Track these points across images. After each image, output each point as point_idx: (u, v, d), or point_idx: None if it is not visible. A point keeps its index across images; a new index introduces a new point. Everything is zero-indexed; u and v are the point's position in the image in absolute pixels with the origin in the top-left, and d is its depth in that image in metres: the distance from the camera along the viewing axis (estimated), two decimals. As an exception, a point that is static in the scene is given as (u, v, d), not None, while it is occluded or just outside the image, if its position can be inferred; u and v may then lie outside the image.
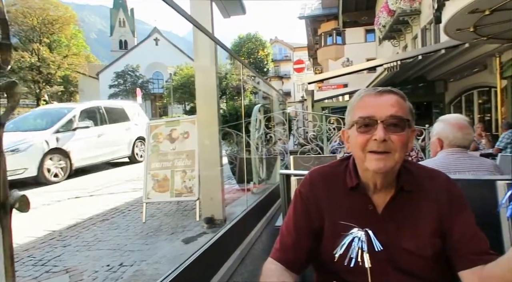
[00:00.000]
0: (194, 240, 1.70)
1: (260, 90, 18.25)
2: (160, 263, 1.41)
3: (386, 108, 0.89)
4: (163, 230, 3.43)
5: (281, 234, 1.02)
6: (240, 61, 3.06)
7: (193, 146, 3.72)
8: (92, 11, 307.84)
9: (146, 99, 40.53)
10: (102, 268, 2.52)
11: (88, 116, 7.99)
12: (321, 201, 0.99)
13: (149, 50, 44.81)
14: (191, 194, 3.59)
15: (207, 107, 2.18)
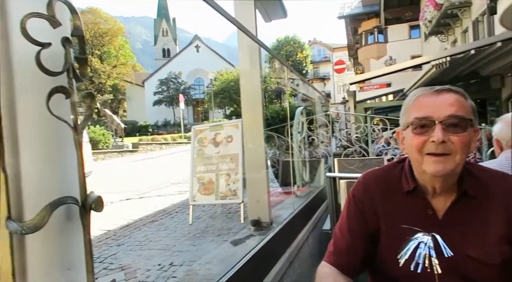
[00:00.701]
0: (243, 242, 1.73)
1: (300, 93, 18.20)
2: (211, 263, 1.45)
3: (445, 108, 0.85)
4: (209, 231, 3.52)
5: (334, 238, 1.01)
6: (285, 64, 3.07)
7: (236, 149, 3.78)
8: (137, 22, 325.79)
9: (188, 105, 41.97)
10: (154, 267, 2.64)
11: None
12: (376, 204, 0.96)
13: (190, 57, 46.38)
14: (236, 196, 3.65)
15: (252, 110, 2.22)
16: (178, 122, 37.64)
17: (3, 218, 0.60)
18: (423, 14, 13.39)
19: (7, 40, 0.62)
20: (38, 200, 0.63)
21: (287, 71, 3.68)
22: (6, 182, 0.60)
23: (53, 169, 0.65)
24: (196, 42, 48.80)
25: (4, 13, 0.62)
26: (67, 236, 0.66)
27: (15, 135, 0.62)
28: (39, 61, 0.61)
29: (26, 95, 0.63)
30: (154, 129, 35.11)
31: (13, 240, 0.60)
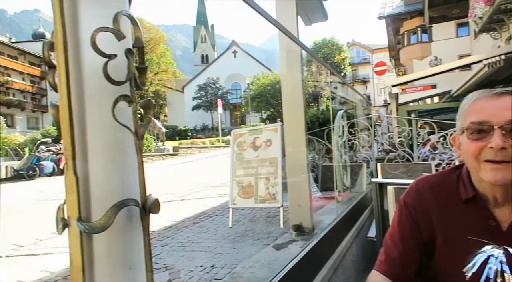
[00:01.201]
0: (285, 247, 1.72)
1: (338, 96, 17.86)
2: (255, 267, 1.46)
3: (505, 112, 0.78)
4: (248, 235, 3.54)
5: (385, 246, 0.97)
6: (327, 67, 3.01)
7: (276, 153, 3.78)
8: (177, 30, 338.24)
9: (226, 109, 42.72)
10: (196, 268, 2.71)
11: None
12: (431, 212, 0.92)
13: (228, 63, 47.26)
14: (275, 201, 3.65)
15: (293, 113, 2.21)
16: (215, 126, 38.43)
17: (74, 218, 0.64)
18: (472, 11, 12.58)
19: (78, 53, 0.67)
20: (104, 202, 0.67)
21: (325, 75, 3.62)
22: (77, 184, 0.64)
23: (117, 172, 0.69)
24: (234, 47, 49.64)
25: (76, 29, 0.67)
26: (129, 237, 0.70)
27: (85, 141, 0.67)
28: (106, 72, 0.65)
29: (93, 104, 0.68)
30: (193, 134, 36.14)
31: (82, 239, 0.64)
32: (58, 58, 0.65)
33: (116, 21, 0.66)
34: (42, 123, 42.02)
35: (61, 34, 0.64)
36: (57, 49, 0.65)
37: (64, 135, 0.65)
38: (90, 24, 0.67)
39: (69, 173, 0.65)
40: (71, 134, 0.64)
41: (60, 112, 0.65)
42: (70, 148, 0.64)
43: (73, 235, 0.64)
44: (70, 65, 0.65)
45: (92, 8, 0.68)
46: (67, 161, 0.65)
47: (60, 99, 0.65)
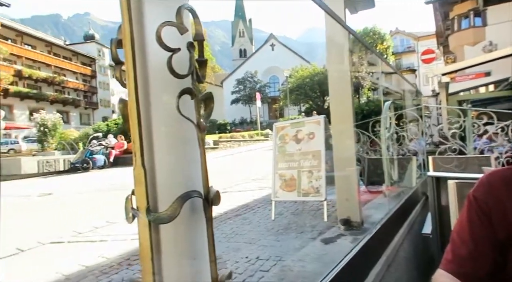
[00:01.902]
0: (334, 241, 1.69)
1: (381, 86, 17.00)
2: (304, 261, 1.45)
3: None
4: (292, 228, 3.53)
5: (453, 244, 0.91)
6: (377, 55, 2.88)
7: (318, 146, 3.72)
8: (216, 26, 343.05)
9: (264, 103, 42.78)
10: (241, 259, 2.75)
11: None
12: (507, 208, 0.84)
13: (266, 56, 47.17)
14: (318, 194, 3.59)
15: (341, 104, 2.14)
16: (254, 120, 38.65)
17: (143, 209, 0.66)
18: (535, -11, 11.41)
19: (143, 48, 0.69)
20: (169, 193, 0.69)
21: (366, 65, 3.47)
22: (145, 176, 0.67)
23: (181, 164, 0.71)
24: (271, 40, 49.39)
25: (141, 24, 0.69)
26: (193, 228, 0.71)
27: (151, 134, 0.69)
28: (170, 66, 0.66)
29: (158, 97, 0.70)
30: (232, 127, 36.67)
31: (151, 229, 0.66)
32: (126, 54, 0.67)
33: (179, 14, 0.67)
34: (93, 119, 44.90)
35: (129, 31, 0.66)
36: (125, 45, 0.67)
37: (132, 129, 0.67)
38: (154, 19, 0.69)
39: (137, 165, 0.67)
40: (139, 128, 0.66)
41: (129, 107, 0.67)
42: (138, 140, 0.66)
43: (142, 224, 0.66)
44: (137, 60, 0.67)
45: (156, 3, 0.69)
46: (135, 153, 0.67)
47: (129, 94, 0.67)
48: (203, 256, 0.72)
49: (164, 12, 0.69)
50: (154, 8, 0.69)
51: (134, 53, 0.66)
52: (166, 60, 0.68)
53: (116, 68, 0.77)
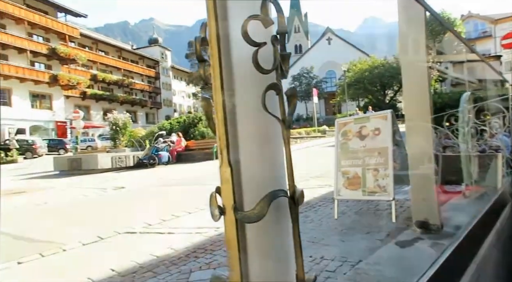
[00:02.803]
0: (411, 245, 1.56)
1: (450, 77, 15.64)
2: (380, 264, 1.36)
3: None
4: (356, 228, 3.39)
5: None
6: (465, 43, 2.60)
7: (385, 142, 3.51)
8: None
9: (320, 98, 41.90)
10: (306, 258, 2.70)
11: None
12: None
13: (322, 50, 46.13)
14: (385, 193, 3.40)
15: (416, 98, 1.97)
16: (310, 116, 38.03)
17: (230, 207, 0.66)
18: None
19: (228, 44, 0.68)
20: (255, 192, 0.68)
21: (433, 55, 3.15)
22: (232, 174, 0.66)
23: (266, 162, 0.69)
24: (328, 34, 48.13)
25: (226, 19, 0.68)
26: (279, 228, 0.69)
27: (236, 132, 0.68)
28: (256, 61, 0.64)
29: (243, 94, 0.68)
30: (288, 124, 36.39)
31: (238, 227, 0.65)
32: (212, 51, 0.66)
33: (264, 7, 0.64)
34: (157, 118, 47.97)
35: (215, 28, 0.65)
36: (210, 42, 0.67)
37: (218, 126, 0.67)
38: (238, 13, 0.67)
39: (223, 163, 0.66)
40: (224, 125, 0.66)
41: (214, 104, 0.67)
42: (224, 138, 0.66)
43: (229, 223, 0.66)
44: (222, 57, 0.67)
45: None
46: (221, 151, 0.67)
47: (214, 92, 0.67)
48: (289, 257, 0.70)
49: (248, 6, 0.67)
50: (238, 2, 0.67)
51: (219, 50, 0.66)
52: (250, 55, 0.66)
53: (200, 66, 0.77)
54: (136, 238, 3.94)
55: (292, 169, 0.68)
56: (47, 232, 4.38)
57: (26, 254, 3.46)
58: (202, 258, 3.05)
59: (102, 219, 4.94)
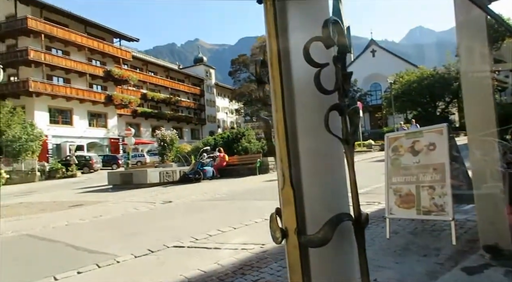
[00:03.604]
0: (480, 272, 1.42)
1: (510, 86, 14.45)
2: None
3: None
4: (411, 249, 3.17)
5: None
6: None
7: (441, 158, 3.29)
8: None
9: (365, 112, 40.69)
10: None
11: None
12: None
13: (366, 63, 45.06)
14: (443, 213, 3.16)
15: (479, 108, 1.83)
16: (355, 130, 36.81)
17: (293, 230, 0.64)
18: None
19: (289, 64, 0.68)
20: (318, 215, 0.66)
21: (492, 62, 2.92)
22: (294, 195, 0.65)
23: (329, 184, 0.67)
24: (372, 46, 47.04)
25: (287, 42, 0.68)
26: (344, 253, 0.66)
27: (297, 153, 0.67)
28: (319, 81, 0.64)
29: (305, 114, 0.68)
30: (331, 138, 35.66)
31: (301, 251, 0.64)
32: (273, 73, 0.67)
33: (326, 28, 0.64)
34: (202, 134, 49.49)
35: (276, 51, 0.66)
36: (271, 64, 0.67)
37: (280, 148, 0.66)
38: (299, 35, 0.68)
39: (285, 184, 0.66)
40: (286, 146, 0.65)
41: (275, 125, 0.67)
42: (286, 159, 0.65)
43: (291, 246, 0.64)
44: (284, 79, 0.67)
45: (300, 19, 0.68)
46: (283, 172, 0.66)
47: (275, 113, 0.67)
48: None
49: (309, 27, 0.67)
50: (299, 24, 0.68)
51: (281, 72, 0.66)
52: (311, 76, 0.66)
53: (259, 88, 0.78)
54: (184, 252, 4.02)
55: (357, 191, 0.66)
56: (103, 243, 4.63)
57: (85, 264, 3.67)
58: (249, 275, 3.02)
59: (152, 232, 5.13)
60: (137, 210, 7.40)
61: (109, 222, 6.31)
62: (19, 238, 5.39)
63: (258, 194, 8.72)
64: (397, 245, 3.32)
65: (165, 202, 8.25)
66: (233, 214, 6.21)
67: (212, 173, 13.81)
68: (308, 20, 0.69)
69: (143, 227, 5.56)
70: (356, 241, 0.65)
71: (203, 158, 13.70)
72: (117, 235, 5.10)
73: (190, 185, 12.38)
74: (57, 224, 6.27)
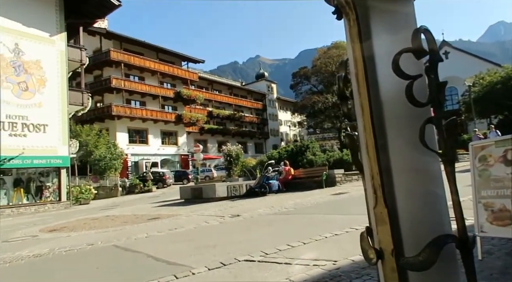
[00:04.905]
0: None
1: None
2: None
3: None
4: (510, 273, 2.78)
5: None
6: None
7: (543, 168, 2.87)
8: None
9: (439, 118, 37.49)
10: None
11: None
12: None
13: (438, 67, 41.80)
14: (550, 232, 2.72)
15: None
16: (428, 138, 34.04)
17: (389, 251, 0.61)
18: None
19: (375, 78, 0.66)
20: (417, 236, 0.61)
21: None
22: (389, 215, 0.62)
23: (427, 203, 0.63)
24: (444, 48, 43.55)
25: (372, 55, 0.67)
26: (448, 278, 0.61)
27: (389, 169, 0.64)
28: (411, 94, 0.61)
29: (396, 129, 0.65)
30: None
31: (400, 274, 0.60)
32: (360, 89, 0.66)
33: (416, 38, 0.61)
34: (265, 148, 50.20)
35: (361, 65, 0.65)
36: (357, 80, 0.66)
37: (370, 164, 0.64)
38: (386, 47, 0.66)
39: (378, 203, 0.63)
40: (377, 163, 0.63)
41: (364, 141, 0.65)
42: (378, 177, 0.63)
43: (389, 268, 0.61)
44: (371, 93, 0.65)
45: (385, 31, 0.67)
46: (374, 190, 0.64)
47: (363, 128, 0.65)
48: (464, 315, 0.60)
49: (395, 38, 0.65)
50: (384, 37, 0.66)
51: (368, 87, 0.64)
52: (400, 88, 0.63)
53: (342, 103, 0.77)
54: (255, 266, 4.04)
55: (461, 211, 0.60)
56: (179, 255, 4.89)
57: (164, 274, 3.91)
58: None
59: (223, 245, 5.27)
60: (208, 223, 7.70)
61: (183, 234, 6.65)
62: (108, 248, 5.96)
63: (326, 208, 8.48)
64: (492, 268, 2.94)
65: (233, 216, 8.45)
66: (302, 228, 6.11)
67: (278, 186, 13.83)
68: (394, 31, 0.67)
69: (214, 240, 5.75)
70: (464, 265, 0.60)
71: (268, 172, 13.82)
72: (191, 247, 5.34)
73: (256, 199, 12.53)
74: (138, 236, 6.81)
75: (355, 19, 0.64)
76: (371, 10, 0.65)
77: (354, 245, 4.28)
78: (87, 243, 6.52)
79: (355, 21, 0.64)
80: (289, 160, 15.78)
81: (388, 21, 0.67)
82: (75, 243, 6.60)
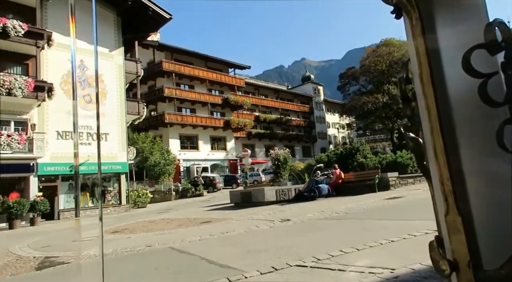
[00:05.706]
0: None
1: None
2: None
3: None
4: None
5: None
6: None
7: None
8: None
9: None
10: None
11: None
12: None
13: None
14: None
15: None
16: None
17: (465, 262, 0.57)
18: None
19: (443, 76, 0.63)
20: (497, 247, 0.56)
21: None
22: (463, 223, 0.57)
23: (505, 210, 0.57)
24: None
25: (438, 52, 0.63)
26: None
27: (462, 174, 0.60)
28: (485, 93, 0.56)
29: (468, 132, 0.60)
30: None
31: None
32: (425, 90, 0.62)
33: (489, 32, 0.57)
34: (313, 151, 49.46)
35: (427, 67, 0.62)
36: (422, 81, 0.63)
37: (440, 170, 0.60)
38: (453, 44, 0.62)
39: (451, 211, 0.59)
40: (448, 168, 0.59)
41: (433, 145, 0.61)
42: (449, 183, 0.59)
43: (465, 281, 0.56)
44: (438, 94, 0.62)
45: (452, 27, 0.63)
46: (446, 197, 0.60)
47: (431, 132, 0.61)
48: None
49: (464, 34, 0.61)
50: (451, 33, 0.62)
51: (435, 88, 0.61)
52: (471, 87, 0.59)
53: (405, 106, 0.74)
54: (307, 272, 3.98)
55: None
56: (231, 258, 4.98)
57: (217, 277, 4.00)
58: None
59: (274, 249, 5.27)
60: (258, 227, 7.75)
61: (234, 238, 6.77)
62: (165, 250, 6.26)
63: (379, 213, 8.11)
64: None
65: (283, 220, 8.42)
66: (354, 234, 5.90)
67: (328, 190, 13.53)
68: (462, 26, 0.62)
69: (265, 244, 5.77)
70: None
71: (317, 176, 13.58)
72: (242, 251, 5.41)
73: (305, 203, 12.37)
74: (192, 238, 7.06)
75: (418, 17, 0.61)
76: (435, 6, 0.61)
77: (413, 253, 4.03)
78: (145, 244, 6.91)
79: (418, 18, 0.61)
80: (338, 163, 15.38)
81: (455, 16, 0.63)
82: (135, 244, 7.04)
